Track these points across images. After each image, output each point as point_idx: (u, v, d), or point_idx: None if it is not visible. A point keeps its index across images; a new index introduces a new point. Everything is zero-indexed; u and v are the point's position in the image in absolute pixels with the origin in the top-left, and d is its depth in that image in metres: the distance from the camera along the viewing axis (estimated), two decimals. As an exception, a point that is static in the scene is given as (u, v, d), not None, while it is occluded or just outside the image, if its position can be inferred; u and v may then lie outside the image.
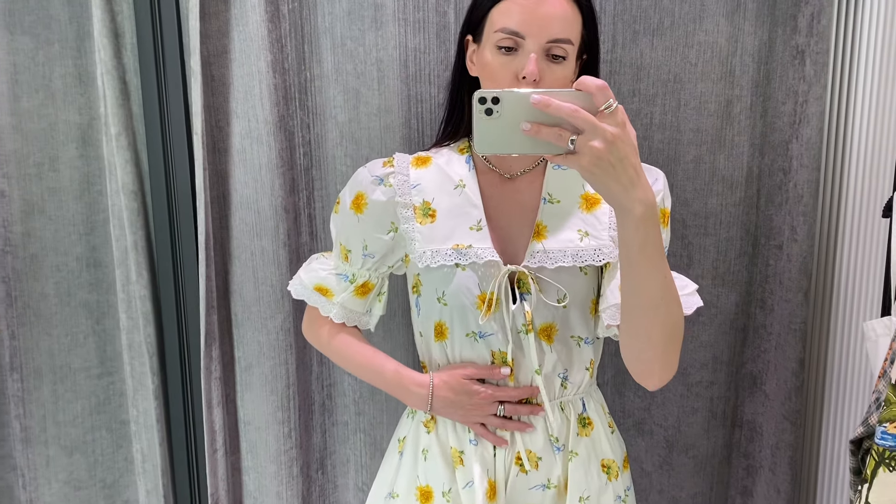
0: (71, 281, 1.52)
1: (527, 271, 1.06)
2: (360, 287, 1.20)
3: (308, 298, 1.23)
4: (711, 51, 1.41)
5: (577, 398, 1.15)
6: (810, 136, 1.38)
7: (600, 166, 0.80)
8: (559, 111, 0.79)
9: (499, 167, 1.14)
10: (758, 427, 1.54)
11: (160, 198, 1.47)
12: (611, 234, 1.08)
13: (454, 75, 1.17)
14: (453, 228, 1.09)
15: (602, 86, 0.79)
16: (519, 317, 1.07)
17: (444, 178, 1.13)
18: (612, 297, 1.06)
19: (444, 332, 1.12)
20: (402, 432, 1.22)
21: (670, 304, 0.93)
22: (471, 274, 1.08)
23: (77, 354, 1.54)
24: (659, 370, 0.99)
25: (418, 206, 1.12)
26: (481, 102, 0.82)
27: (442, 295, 1.09)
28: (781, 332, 1.46)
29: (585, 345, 1.12)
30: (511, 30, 1.00)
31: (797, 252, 1.42)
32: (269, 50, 1.37)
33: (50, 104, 1.46)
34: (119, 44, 1.42)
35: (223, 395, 1.47)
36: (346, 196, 1.17)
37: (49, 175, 1.48)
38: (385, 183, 1.13)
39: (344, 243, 1.19)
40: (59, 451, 1.56)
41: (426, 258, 1.09)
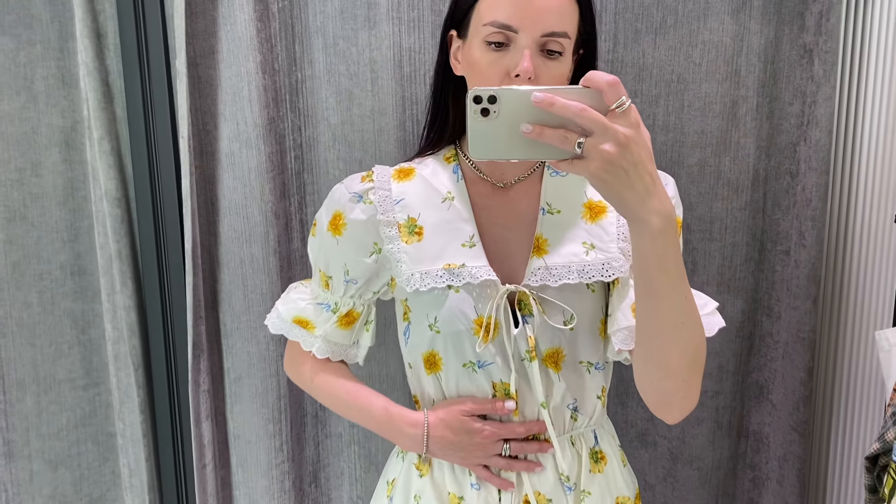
0: (55, 289, 1.47)
1: (528, 291, 0.96)
2: (343, 317, 1.09)
3: (287, 332, 1.12)
4: (716, 50, 1.36)
5: (589, 430, 1.05)
6: (819, 137, 1.34)
7: (612, 172, 0.71)
8: (565, 110, 0.70)
9: (490, 176, 1.04)
10: (764, 438, 1.49)
11: (145, 204, 1.42)
12: (620, 246, 0.99)
13: (437, 76, 1.07)
14: (443, 246, 1.00)
15: (613, 81, 0.70)
16: (521, 342, 0.97)
17: (431, 190, 1.04)
18: (623, 319, 0.96)
19: (438, 362, 1.01)
20: (391, 474, 1.12)
21: (692, 326, 0.83)
22: (465, 296, 0.97)
23: (62, 365, 1.50)
24: (679, 401, 0.88)
25: (403, 224, 1.02)
26: (476, 102, 0.74)
27: (434, 321, 0.99)
28: (789, 340, 1.42)
29: (596, 371, 1.02)
30: (502, 23, 0.90)
31: (805, 258, 1.37)
32: (258, 50, 1.33)
33: (32, 107, 1.41)
34: (101, 44, 1.38)
35: (212, 408, 1.43)
36: (322, 217, 1.08)
37: (31, 180, 1.43)
38: (364, 200, 1.04)
39: (323, 269, 1.09)
40: (43, 465, 1.51)
41: (414, 281, 0.99)
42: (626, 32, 1.37)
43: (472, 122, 0.75)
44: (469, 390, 1.01)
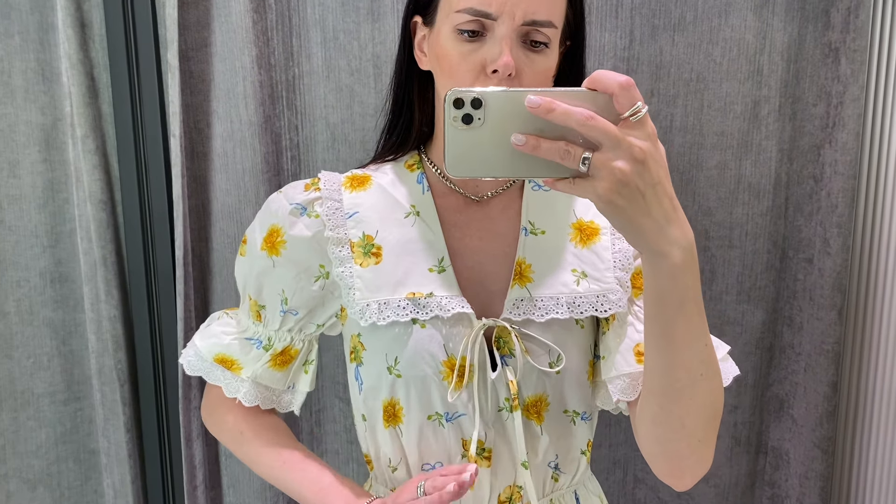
0: (34, 298, 1.39)
1: (508, 326, 0.82)
2: (278, 355, 0.93)
3: (207, 374, 0.94)
4: (738, 48, 1.31)
5: (571, 492, 0.91)
6: (846, 140, 1.28)
7: (626, 195, 0.59)
8: (567, 118, 0.58)
9: (462, 187, 0.89)
10: (784, 454, 1.44)
11: (132, 208, 1.35)
12: (616, 276, 0.86)
13: (397, 70, 0.92)
14: (407, 271, 0.84)
15: (627, 83, 0.58)
16: (500, 388, 0.83)
17: (391, 203, 0.89)
18: (624, 364, 0.83)
19: (398, 413, 0.85)
20: None
21: (712, 377, 0.71)
22: (433, 332, 0.82)
23: (41, 378, 1.42)
24: (692, 465, 0.76)
25: (357, 242, 0.87)
26: (457, 106, 0.61)
27: (394, 363, 0.83)
28: (812, 352, 1.36)
29: (582, 422, 0.88)
30: (477, 9, 0.76)
31: (830, 266, 1.32)
32: (253, 43, 1.26)
33: (9, 103, 1.34)
34: (86, 35, 1.30)
35: (203, 427, 1.35)
36: (255, 233, 0.91)
37: (9, 181, 1.35)
38: (309, 212, 0.88)
39: (254, 296, 0.92)
40: (20, 484, 1.44)
41: (371, 313, 0.83)
42: (643, 29, 1.32)
43: (450, 132, 0.62)
44: (433, 449, 0.86)
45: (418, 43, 0.87)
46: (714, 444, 0.76)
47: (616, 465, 1.47)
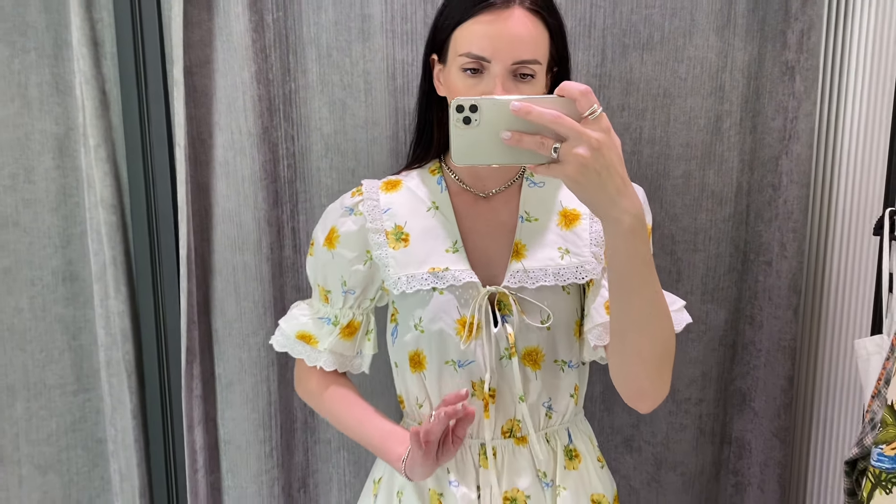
0: (46, 295, 1.48)
1: (507, 292, 1.03)
2: (345, 328, 1.15)
3: (291, 350, 1.17)
4: (701, 66, 1.41)
5: (563, 428, 1.11)
6: (800, 152, 1.38)
7: (585, 174, 0.76)
8: (541, 118, 0.75)
9: (473, 186, 1.11)
10: (746, 444, 1.53)
11: (140, 211, 1.43)
12: (592, 251, 1.05)
13: (421, 96, 1.14)
14: (428, 252, 1.06)
15: (585, 90, 0.75)
16: (501, 340, 1.04)
17: (416, 200, 1.11)
18: (597, 316, 1.02)
19: (422, 361, 1.07)
20: (377, 473, 1.17)
21: (661, 319, 0.90)
22: (449, 297, 1.04)
23: (52, 371, 1.50)
24: (652, 391, 0.95)
25: (390, 231, 1.09)
26: (458, 111, 0.79)
27: (419, 321, 1.06)
28: (770, 348, 1.46)
29: (569, 369, 1.08)
30: (475, 55, 0.96)
31: (786, 268, 1.41)
32: (253, 60, 1.35)
33: (26, 113, 1.42)
34: (99, 53, 1.39)
35: (203, 414, 1.44)
36: (318, 235, 1.15)
37: (24, 186, 1.44)
38: (355, 212, 1.11)
39: (322, 284, 1.15)
40: (32, 470, 1.51)
41: (401, 284, 1.06)
42: (614, 48, 1.41)
43: (454, 130, 0.79)
44: (450, 388, 1.06)
45: (436, 75, 1.08)
46: (669, 377, 0.95)
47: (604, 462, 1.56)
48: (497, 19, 0.95)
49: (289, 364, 1.49)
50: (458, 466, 1.07)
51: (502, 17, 0.95)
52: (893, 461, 1.00)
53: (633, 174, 1.45)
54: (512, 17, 0.95)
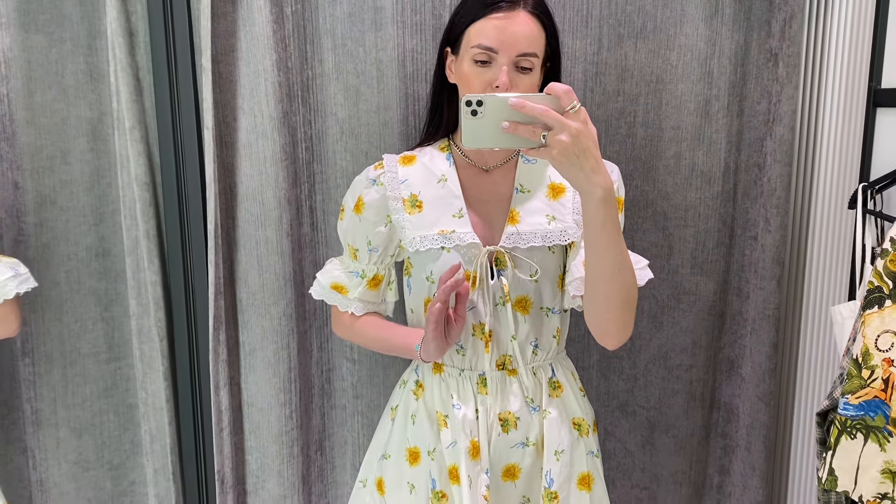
0: (81, 269, 1.57)
1: (503, 251, 1.21)
2: (371, 281, 1.33)
3: (327, 298, 1.35)
4: (691, 53, 1.49)
5: (547, 364, 1.29)
6: (783, 133, 1.47)
7: (566, 156, 0.94)
8: (533, 112, 0.93)
9: (476, 162, 1.28)
10: (734, 409, 1.62)
11: (171, 189, 1.53)
12: (574, 218, 1.23)
13: (435, 83, 1.31)
14: (438, 216, 1.24)
15: (567, 90, 0.93)
16: (497, 290, 1.22)
17: (429, 173, 1.27)
18: (576, 272, 1.20)
19: None
20: (394, 401, 1.37)
21: (626, 273, 1.08)
22: (455, 255, 1.22)
23: (86, 340, 1.60)
24: (616, 331, 1.14)
25: (407, 199, 1.26)
26: (468, 105, 0.96)
27: (430, 274, 1.25)
28: (756, 318, 1.54)
29: (552, 314, 1.26)
30: (486, 46, 1.14)
31: (771, 242, 1.50)
32: (273, 49, 1.43)
33: (62, 100, 1.51)
34: (133, 42, 1.48)
35: (228, 378, 1.54)
36: (348, 202, 1.32)
37: (61, 168, 1.53)
38: (377, 183, 1.28)
39: (351, 244, 1.33)
40: (68, 433, 1.61)
41: (416, 243, 1.24)
42: (610, 37, 1.50)
43: (464, 120, 0.97)
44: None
45: (448, 65, 1.25)
46: (632, 322, 1.14)
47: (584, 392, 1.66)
48: (505, 18, 1.14)
49: (308, 333, 1.59)
50: (460, 392, 1.26)
51: (510, 17, 1.14)
52: (857, 409, 1.10)
53: (627, 155, 1.55)
54: (517, 18, 1.14)
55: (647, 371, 1.64)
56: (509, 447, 1.25)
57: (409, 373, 1.36)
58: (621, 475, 1.70)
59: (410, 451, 1.28)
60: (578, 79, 1.51)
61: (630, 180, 1.56)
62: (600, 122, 1.53)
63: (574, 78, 1.51)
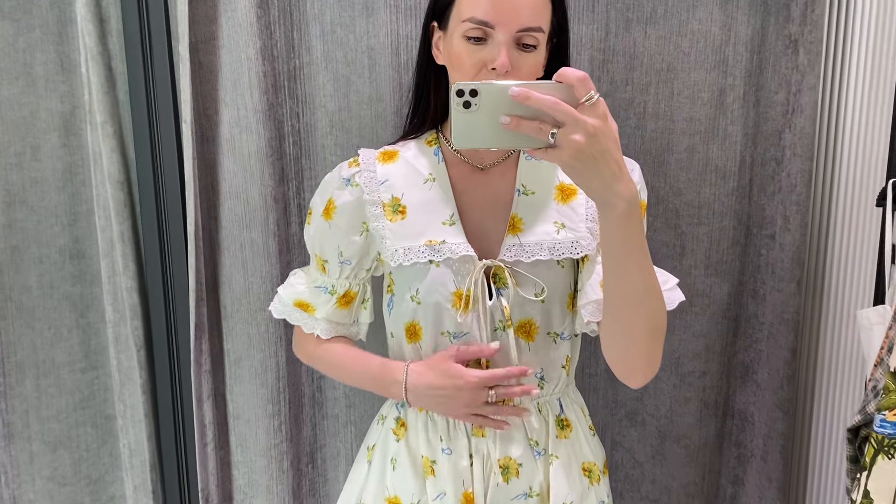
0: (54, 273, 1.49)
1: (503, 265, 1.04)
2: (342, 298, 1.16)
3: (289, 316, 1.19)
4: (705, 40, 1.41)
5: (555, 398, 1.12)
6: (803, 125, 1.38)
7: (581, 160, 0.77)
8: (539, 104, 0.76)
9: (470, 159, 1.11)
10: (749, 416, 1.54)
11: (147, 188, 1.44)
12: (588, 226, 1.06)
13: (419, 64, 1.13)
14: (425, 224, 1.06)
15: (583, 77, 0.76)
16: (497, 313, 1.05)
17: (413, 172, 1.10)
18: (592, 293, 1.03)
19: (418, 332, 1.08)
20: (371, 440, 1.19)
21: (654, 299, 0.91)
22: (445, 270, 1.05)
23: (61, 348, 1.51)
24: (643, 367, 0.97)
25: (387, 203, 1.09)
26: (459, 95, 0.79)
27: (415, 293, 1.06)
28: (774, 321, 1.47)
29: (562, 341, 1.09)
30: (480, 20, 0.96)
31: (790, 241, 1.42)
32: (258, 36, 1.35)
33: (31, 92, 1.42)
34: (104, 29, 1.39)
35: (212, 389, 1.45)
36: (317, 205, 1.15)
37: (31, 165, 1.44)
38: (352, 183, 1.11)
39: (319, 254, 1.16)
40: (42, 446, 1.53)
41: (398, 256, 1.06)
42: (618, 22, 1.41)
43: (455, 114, 0.80)
44: None
45: (435, 43, 1.07)
46: (660, 355, 0.96)
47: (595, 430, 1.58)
48: None
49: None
50: (450, 434, 1.08)
51: None
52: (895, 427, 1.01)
53: (636, 149, 1.46)
54: None
55: (658, 378, 1.56)
56: (510, 499, 1.07)
57: (389, 407, 1.18)
58: (629, 487, 1.62)
59: (390, 502, 1.10)
60: (585, 67, 1.42)
61: (640, 176, 1.46)
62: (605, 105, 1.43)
63: (580, 66, 1.42)
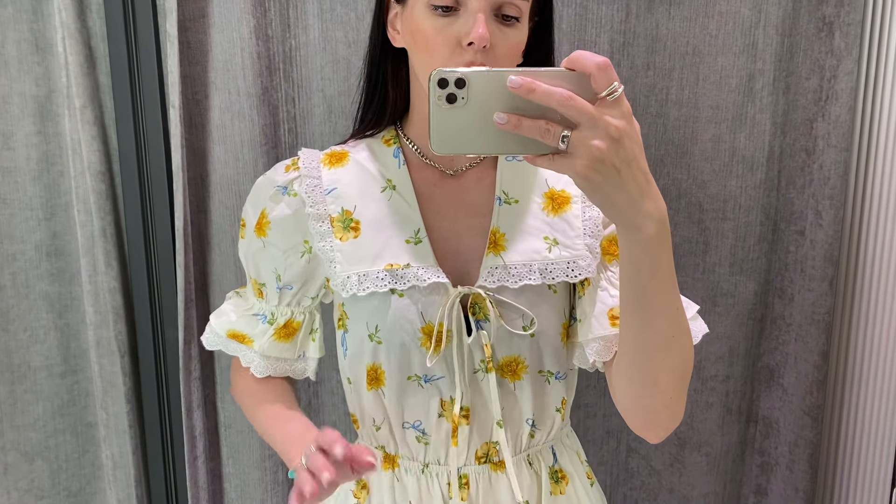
0: (29, 271, 1.39)
1: (483, 293, 0.85)
2: (282, 328, 0.97)
3: (224, 347, 1.01)
4: (733, 21, 1.33)
5: (547, 447, 0.95)
6: (839, 114, 1.30)
7: (601, 171, 0.61)
8: (547, 98, 0.59)
9: (438, 161, 0.92)
10: (774, 423, 1.47)
11: (131, 179, 1.34)
12: (586, 242, 0.89)
13: (371, 47, 0.94)
14: (384, 243, 0.88)
15: (604, 64, 0.59)
16: (476, 351, 0.87)
17: (368, 178, 0.91)
18: (599, 328, 0.86)
19: (381, 377, 0.89)
20: (329, 502, 1.00)
21: (682, 340, 0.75)
22: (410, 302, 0.86)
23: (37, 352, 1.41)
24: (665, 420, 0.80)
25: (336, 217, 0.90)
26: (441, 86, 0.62)
27: (375, 331, 0.87)
28: (803, 322, 1.39)
29: (556, 381, 0.91)
30: None
31: (822, 238, 1.34)
32: (251, 14, 1.26)
33: (3, 74, 1.32)
34: (83, 4, 1.29)
35: (203, 397, 1.36)
36: (249, 216, 0.96)
37: (2, 154, 1.34)
38: (289, 192, 0.92)
39: (254, 276, 0.98)
40: (18, 457, 1.44)
41: (351, 285, 0.87)
42: (639, 2, 1.33)
43: (435, 110, 0.63)
44: (414, 407, 0.90)
45: (391, 21, 0.89)
46: (685, 400, 0.80)
47: (609, 435, 1.50)
48: None
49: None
50: (422, 498, 0.91)
51: None
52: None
53: (658, 138, 1.38)
54: None
55: (678, 382, 1.47)
56: None
57: None
58: (646, 496, 1.54)
59: None
60: (604, 50, 1.33)
61: (661, 167, 1.38)
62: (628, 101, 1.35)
63: (599, 49, 1.33)
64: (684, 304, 0.83)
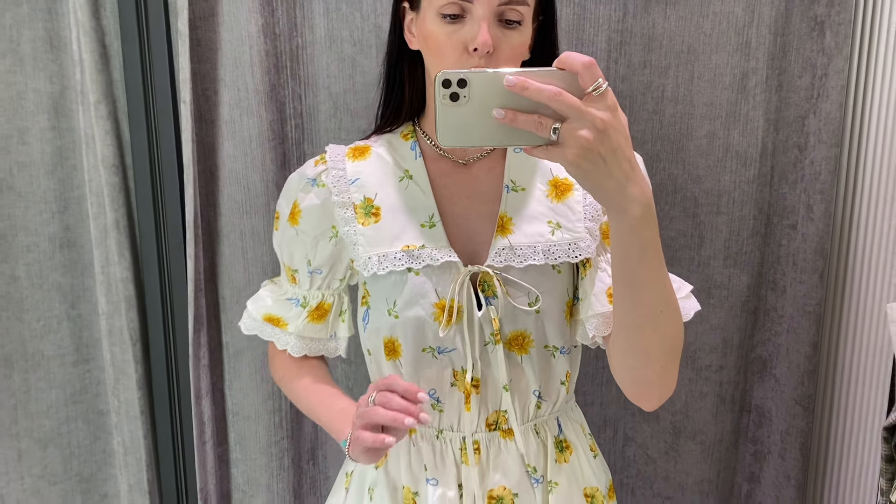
0: (43, 262, 1.42)
1: (491, 272, 0.92)
2: (314, 311, 1.05)
3: (261, 332, 1.09)
4: (727, 21, 1.35)
5: (553, 418, 1.02)
6: (830, 110, 1.33)
7: (589, 159, 0.67)
8: (539, 94, 0.66)
9: (451, 153, 1.00)
10: (766, 412, 1.50)
11: (143, 172, 1.37)
12: (587, 226, 0.96)
13: (390, 50, 1.02)
14: (402, 227, 0.96)
15: (589, 63, 0.66)
16: (486, 325, 0.94)
17: (388, 169, 1.00)
18: (598, 305, 0.93)
19: (397, 348, 0.97)
20: (349, 465, 1.09)
21: (671, 314, 0.82)
22: (425, 279, 0.93)
23: (50, 341, 1.45)
24: (657, 390, 0.87)
25: (359, 205, 0.98)
26: (445, 86, 0.69)
27: (393, 306, 0.95)
28: (794, 314, 1.42)
29: (561, 355, 0.98)
30: None
31: (813, 232, 1.37)
32: (259, 13, 1.29)
33: (18, 71, 1.35)
34: (98, 3, 1.32)
35: (211, 384, 1.39)
36: (283, 208, 1.05)
37: (18, 148, 1.37)
38: (318, 183, 1.01)
39: (288, 263, 1.06)
40: (32, 443, 1.47)
41: (372, 264, 0.95)
42: (636, 2, 1.35)
43: (440, 108, 0.70)
44: (429, 377, 0.97)
45: (407, 25, 0.97)
46: (676, 373, 0.87)
47: (607, 424, 1.53)
48: None
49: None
50: (436, 462, 0.98)
51: None
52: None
53: (654, 134, 1.40)
54: None
55: (673, 372, 1.51)
56: None
57: None
58: (642, 483, 1.57)
59: None
60: (601, 49, 1.36)
61: (657, 162, 1.41)
62: (624, 98, 1.38)
63: (597, 48, 1.36)
64: (679, 285, 0.95)
